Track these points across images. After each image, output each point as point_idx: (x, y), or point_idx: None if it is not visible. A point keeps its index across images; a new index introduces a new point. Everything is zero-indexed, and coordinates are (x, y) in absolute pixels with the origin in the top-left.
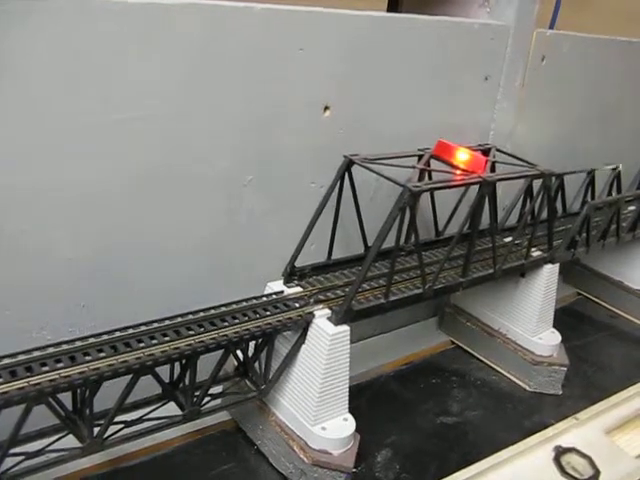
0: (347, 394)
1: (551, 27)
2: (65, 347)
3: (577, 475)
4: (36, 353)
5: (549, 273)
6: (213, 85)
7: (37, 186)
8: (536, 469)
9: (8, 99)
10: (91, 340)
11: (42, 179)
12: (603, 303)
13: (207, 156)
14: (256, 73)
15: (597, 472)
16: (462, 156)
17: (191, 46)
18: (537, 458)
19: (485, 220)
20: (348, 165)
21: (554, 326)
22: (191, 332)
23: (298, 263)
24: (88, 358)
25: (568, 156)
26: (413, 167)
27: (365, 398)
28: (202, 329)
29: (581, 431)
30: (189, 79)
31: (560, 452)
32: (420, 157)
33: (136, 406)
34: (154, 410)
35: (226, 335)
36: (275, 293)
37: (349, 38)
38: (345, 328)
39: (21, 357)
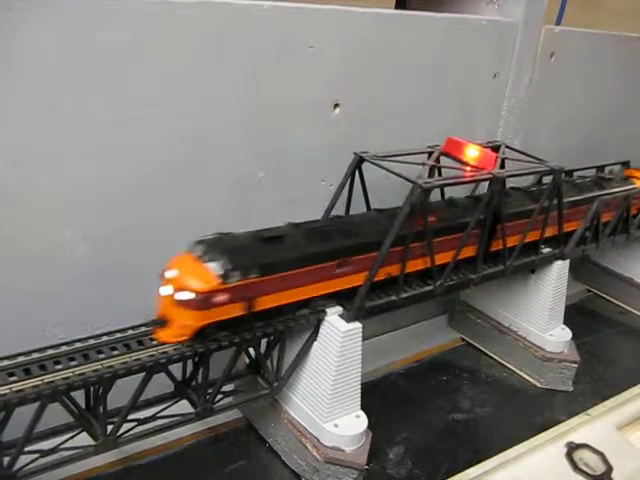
0: (359, 391)
1: (557, 23)
2: (78, 345)
3: (589, 471)
4: (50, 351)
5: (559, 269)
6: (223, 83)
7: (50, 184)
8: (548, 465)
9: (24, 97)
10: (104, 338)
11: (54, 177)
12: (613, 300)
13: (218, 154)
14: (266, 71)
15: (609, 468)
16: (472, 153)
17: (201, 44)
18: (549, 454)
19: None
20: (359, 162)
21: (564, 323)
22: None
23: None
24: (102, 356)
25: (577, 152)
26: (423, 164)
27: (376, 395)
28: None
29: (593, 427)
30: (199, 77)
31: (572, 448)
32: (430, 154)
33: (149, 404)
34: (167, 408)
35: (239, 332)
36: None
37: (358, 35)
38: (357, 325)
39: (35, 355)
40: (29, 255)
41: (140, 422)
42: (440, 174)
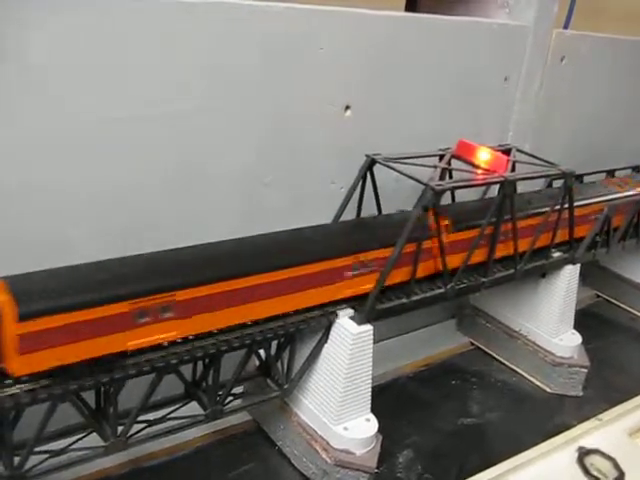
0: (370, 394)
1: (565, 27)
2: None
3: (601, 477)
4: None
5: (570, 274)
6: (234, 84)
7: (57, 184)
8: (560, 470)
9: (34, 97)
10: None
11: (60, 177)
12: (622, 305)
13: (228, 156)
14: (277, 72)
15: (621, 474)
16: (484, 156)
17: (213, 44)
18: (560, 459)
19: None
20: (370, 164)
21: (574, 328)
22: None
23: None
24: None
25: (587, 156)
26: (435, 167)
27: (385, 399)
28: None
29: (604, 432)
30: (211, 78)
31: (583, 453)
32: (441, 157)
33: (158, 405)
34: (176, 410)
35: (250, 334)
36: None
37: (369, 38)
38: (368, 327)
39: None
40: (35, 253)
41: (150, 423)
42: (451, 177)
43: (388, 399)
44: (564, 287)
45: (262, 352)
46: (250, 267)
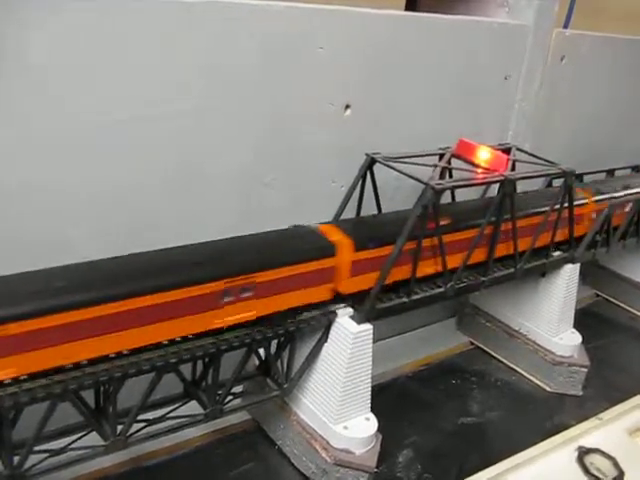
0: (369, 393)
1: (565, 27)
2: None
3: (601, 476)
4: None
5: (570, 273)
6: (233, 84)
7: (57, 184)
8: (560, 469)
9: (34, 97)
10: None
11: (60, 177)
12: (622, 304)
13: (227, 155)
14: (276, 72)
15: (621, 473)
16: (484, 155)
17: (212, 43)
18: (560, 458)
19: None
20: (370, 163)
21: (574, 327)
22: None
23: None
24: (112, 355)
25: (587, 156)
26: (435, 166)
27: (384, 399)
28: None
29: (604, 432)
30: (210, 78)
31: (583, 452)
32: (441, 156)
33: (157, 405)
34: (176, 409)
35: (250, 333)
36: None
37: (369, 37)
38: (368, 326)
39: None
40: (34, 254)
41: (150, 423)
42: (451, 176)
43: (388, 398)
44: (564, 286)
45: (262, 351)
46: (97, 295)
